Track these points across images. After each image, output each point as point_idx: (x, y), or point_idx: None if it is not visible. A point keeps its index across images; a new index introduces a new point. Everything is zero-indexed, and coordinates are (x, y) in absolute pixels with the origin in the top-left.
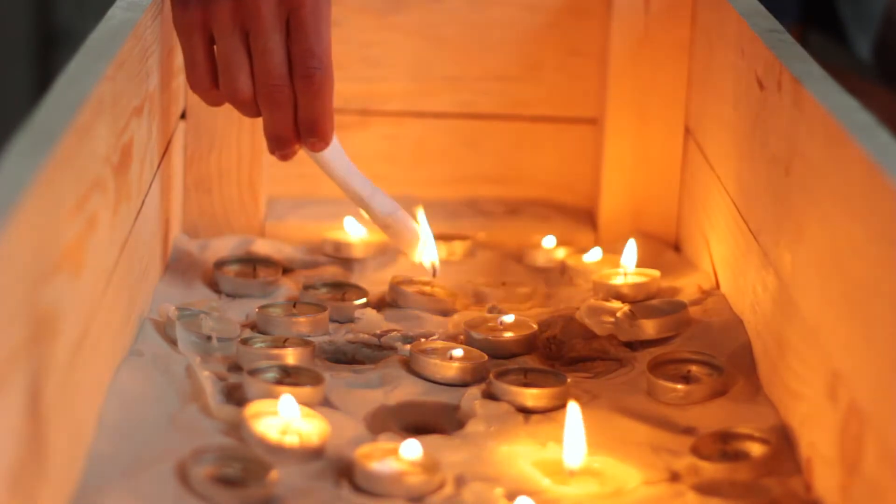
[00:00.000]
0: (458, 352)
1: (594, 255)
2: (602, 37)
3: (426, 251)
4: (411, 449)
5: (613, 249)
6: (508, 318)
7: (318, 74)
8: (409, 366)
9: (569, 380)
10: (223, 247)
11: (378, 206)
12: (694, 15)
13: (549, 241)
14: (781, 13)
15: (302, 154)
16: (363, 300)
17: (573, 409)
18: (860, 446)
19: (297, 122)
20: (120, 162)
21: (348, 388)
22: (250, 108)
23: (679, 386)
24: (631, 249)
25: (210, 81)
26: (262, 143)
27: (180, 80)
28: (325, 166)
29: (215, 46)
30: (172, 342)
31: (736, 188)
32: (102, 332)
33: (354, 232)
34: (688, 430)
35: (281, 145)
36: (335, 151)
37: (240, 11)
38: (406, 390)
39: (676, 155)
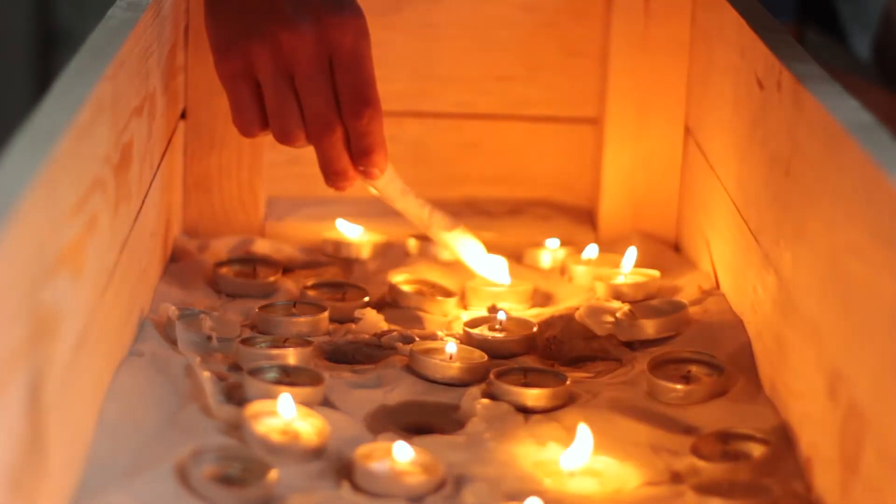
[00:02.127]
0: (451, 346)
1: (590, 251)
2: (602, 37)
3: (489, 262)
4: (403, 451)
5: (614, 249)
6: (501, 316)
7: (367, 112)
8: (409, 366)
9: (569, 380)
10: (223, 247)
11: (438, 225)
12: (694, 15)
13: (552, 243)
14: (778, 12)
15: (300, 153)
16: (363, 300)
17: (584, 431)
18: (860, 446)
19: (351, 155)
20: (120, 162)
21: (348, 388)
22: (302, 146)
23: (679, 386)
24: (631, 255)
25: (259, 125)
26: (263, 143)
27: (180, 80)
28: (381, 191)
29: (263, 91)
30: (172, 342)
31: (736, 188)
32: (102, 332)
33: (353, 232)
34: (688, 430)
35: (338, 179)
36: (389, 176)
37: (281, 56)
38: (406, 390)
39: (676, 155)
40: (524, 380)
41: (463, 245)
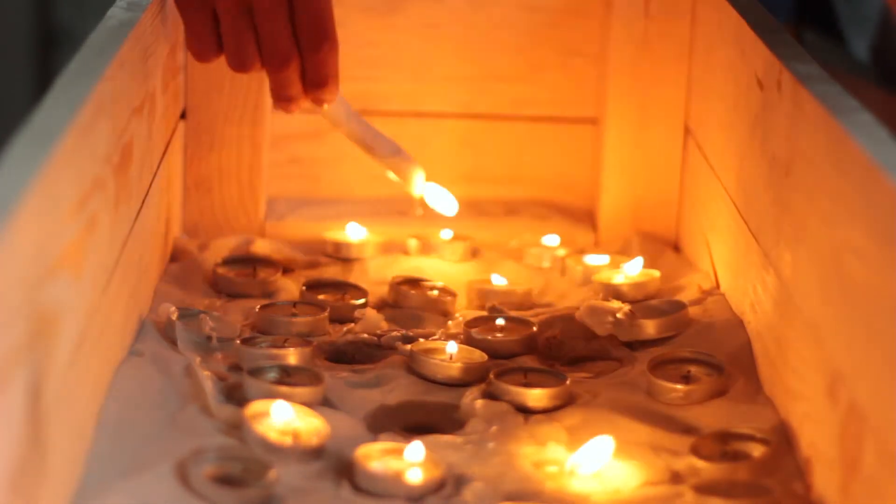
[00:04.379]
0: (451, 346)
1: (601, 260)
2: (602, 37)
3: (433, 191)
4: (415, 451)
5: (614, 249)
6: (501, 321)
7: (324, 45)
8: (409, 366)
9: (569, 380)
10: (223, 247)
11: (381, 148)
12: (694, 15)
13: (551, 240)
14: (776, 13)
15: (302, 156)
16: (363, 300)
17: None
18: (860, 446)
19: (304, 83)
20: (120, 162)
21: (348, 388)
22: (256, 74)
23: (679, 386)
24: (636, 263)
25: (215, 52)
26: (263, 143)
27: (180, 80)
28: (328, 116)
29: (220, 20)
30: (172, 342)
31: (736, 188)
32: (102, 332)
33: (355, 233)
34: (688, 430)
35: (287, 105)
36: (337, 101)
37: None
38: (406, 390)
39: (676, 155)
40: (524, 380)
41: (400, 168)
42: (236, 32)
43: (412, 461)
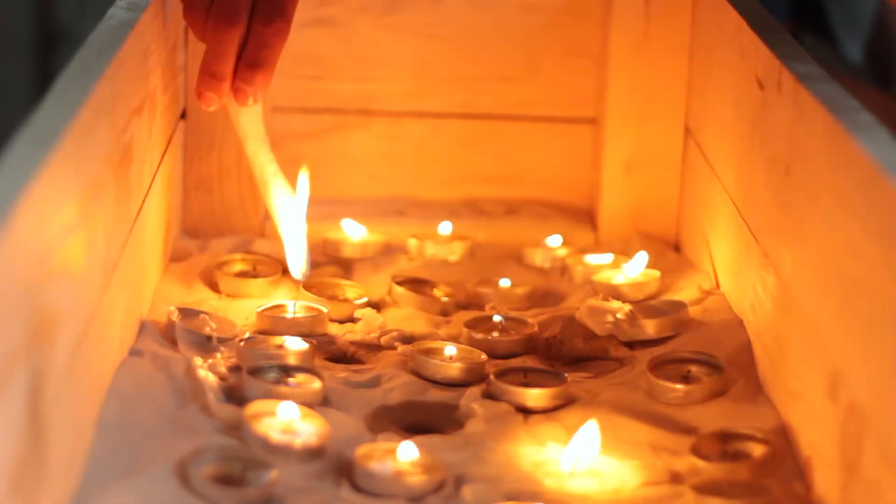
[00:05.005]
0: (450, 349)
1: (604, 259)
2: (602, 37)
3: (295, 252)
4: (408, 450)
5: (614, 249)
6: (497, 318)
7: (276, 22)
8: (409, 366)
9: (569, 380)
10: (223, 247)
11: (275, 189)
12: (694, 15)
13: (553, 240)
14: (771, 13)
15: (302, 156)
16: (363, 300)
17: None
18: (860, 446)
19: (238, 63)
20: (120, 162)
21: (348, 388)
22: (201, 30)
23: (679, 386)
24: (640, 260)
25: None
26: None
27: (180, 80)
28: (242, 126)
29: None
30: (172, 342)
31: (736, 188)
32: (102, 332)
33: (354, 232)
34: (688, 430)
35: (210, 83)
36: (256, 116)
37: None
38: (406, 390)
39: (676, 155)
40: (524, 380)
41: (285, 220)
42: None
43: (405, 460)
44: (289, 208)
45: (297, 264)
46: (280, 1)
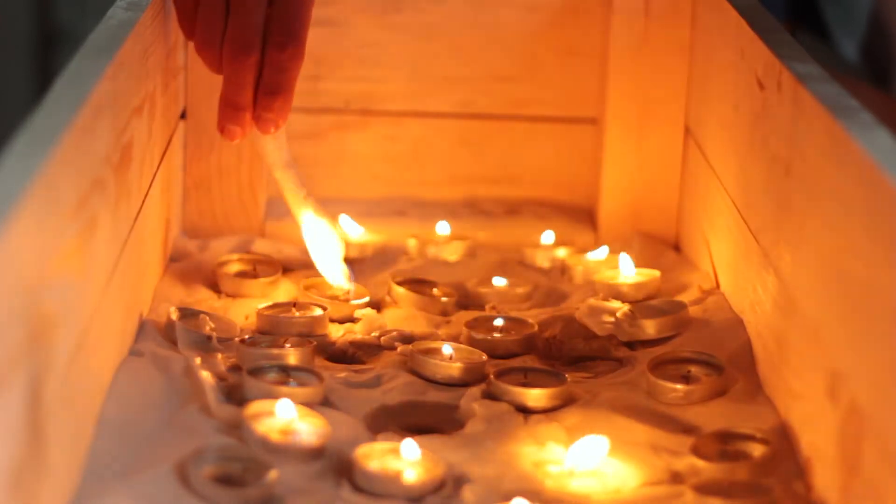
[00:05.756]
0: (447, 349)
1: (600, 253)
2: (602, 37)
3: (335, 267)
4: (410, 449)
5: (614, 249)
6: (498, 322)
7: (290, 47)
8: (409, 366)
9: (569, 380)
10: (223, 247)
11: (304, 216)
12: (694, 15)
13: (547, 237)
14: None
15: (302, 156)
16: (363, 300)
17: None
18: (860, 446)
19: (257, 92)
20: (120, 162)
21: (348, 388)
22: (217, 69)
23: (679, 386)
24: (625, 261)
25: (192, 35)
26: None
27: (180, 80)
28: (267, 155)
29: (199, 4)
30: (172, 342)
31: (736, 188)
32: (102, 332)
33: (353, 232)
34: (688, 430)
35: (233, 117)
36: (280, 142)
37: None
38: (406, 390)
39: (676, 155)
40: (524, 380)
41: (319, 239)
42: (209, 12)
43: (409, 460)
44: (320, 232)
45: (339, 280)
46: (292, 25)
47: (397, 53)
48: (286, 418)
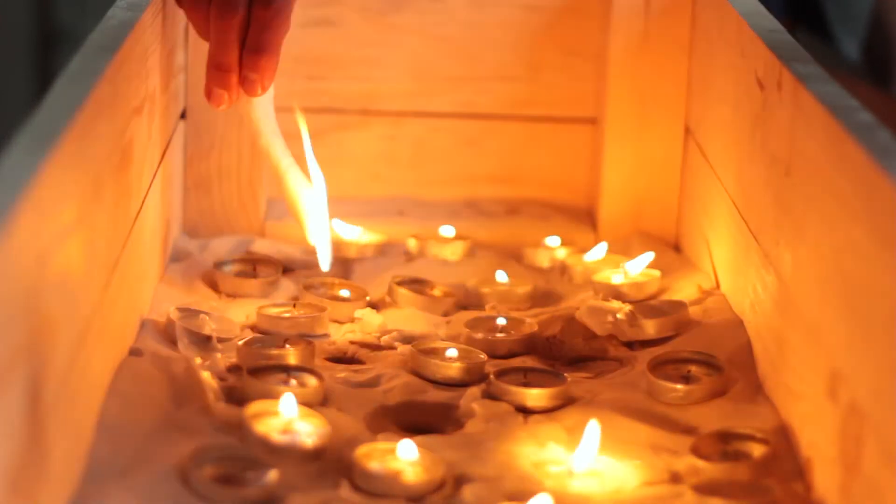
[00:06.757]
0: (451, 351)
1: (598, 251)
2: (602, 37)
3: (320, 242)
4: (408, 450)
5: (614, 249)
6: (501, 321)
7: (275, 4)
8: (409, 366)
9: (569, 380)
10: (223, 247)
11: (291, 181)
12: (694, 15)
13: (552, 241)
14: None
15: (301, 156)
16: (363, 300)
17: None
18: (860, 446)
19: (242, 51)
20: (120, 162)
21: (348, 388)
22: (205, 25)
23: (679, 386)
24: (644, 259)
25: None
26: None
27: (180, 80)
28: (254, 121)
29: None
30: (172, 342)
31: (736, 188)
32: (102, 332)
33: (349, 232)
34: (688, 430)
35: (220, 77)
36: (267, 110)
37: None
38: (406, 390)
39: (676, 155)
40: (524, 380)
41: (306, 211)
42: None
43: (406, 460)
44: (307, 200)
45: (323, 254)
46: None
47: (397, 53)
48: (288, 416)
